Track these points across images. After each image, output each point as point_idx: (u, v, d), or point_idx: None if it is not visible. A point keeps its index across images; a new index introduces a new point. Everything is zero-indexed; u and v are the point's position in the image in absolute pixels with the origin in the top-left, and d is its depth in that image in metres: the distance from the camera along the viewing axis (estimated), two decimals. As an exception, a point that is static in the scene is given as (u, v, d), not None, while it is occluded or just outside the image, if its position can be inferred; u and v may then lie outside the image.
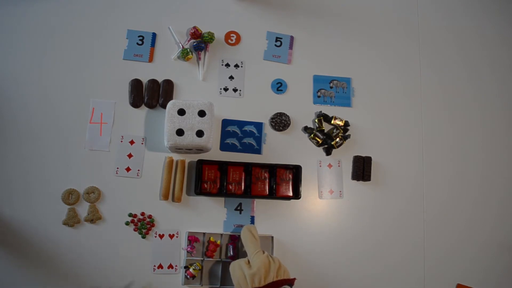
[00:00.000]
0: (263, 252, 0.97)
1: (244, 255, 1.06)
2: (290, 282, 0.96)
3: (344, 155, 1.17)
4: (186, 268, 1.05)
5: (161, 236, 1.07)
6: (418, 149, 1.21)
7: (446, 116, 1.23)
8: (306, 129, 1.16)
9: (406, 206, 1.17)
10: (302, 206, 1.13)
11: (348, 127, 1.18)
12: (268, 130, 1.16)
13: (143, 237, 1.06)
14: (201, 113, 1.03)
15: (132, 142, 1.10)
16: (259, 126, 1.15)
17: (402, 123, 1.22)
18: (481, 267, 1.16)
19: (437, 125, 1.22)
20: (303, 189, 1.13)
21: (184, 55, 1.14)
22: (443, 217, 1.18)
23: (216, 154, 1.13)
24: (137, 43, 1.15)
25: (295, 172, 1.10)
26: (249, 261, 0.97)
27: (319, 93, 1.19)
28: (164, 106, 1.11)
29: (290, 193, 1.10)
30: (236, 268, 0.97)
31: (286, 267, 0.97)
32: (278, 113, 1.16)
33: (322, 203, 1.14)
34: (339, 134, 1.15)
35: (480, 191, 1.20)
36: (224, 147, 1.13)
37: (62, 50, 1.13)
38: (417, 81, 1.24)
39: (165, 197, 1.08)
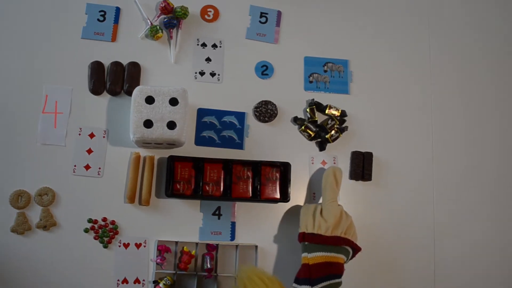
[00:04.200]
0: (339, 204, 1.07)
1: (224, 268, 1.09)
2: (355, 247, 1.05)
3: (341, 151, 1.18)
4: (156, 283, 1.06)
5: (126, 246, 1.08)
6: (428, 143, 1.21)
7: (460, 104, 1.24)
8: (296, 120, 1.17)
9: (413, 210, 1.18)
10: (291, 210, 1.14)
11: (345, 118, 1.18)
12: (251, 121, 1.17)
13: (105, 247, 1.07)
14: (173, 102, 1.04)
15: (92, 135, 1.11)
16: (241, 116, 1.16)
17: (409, 113, 1.22)
18: (498, 279, 1.17)
19: (449, 115, 1.23)
20: (293, 190, 1.13)
21: (153, 33, 1.15)
22: (456, 223, 1.18)
23: (190, 149, 1.13)
24: (98, 20, 1.16)
25: (283, 170, 1.11)
26: (322, 209, 1.06)
27: (311, 77, 1.19)
28: (129, 93, 1.12)
29: (277, 195, 1.11)
30: (311, 209, 1.07)
31: (356, 231, 1.06)
32: (263, 101, 1.16)
33: (315, 207, 1.15)
34: (335, 126, 1.16)
35: (499, 191, 1.21)
36: (199, 141, 1.14)
37: (9, 29, 1.14)
38: (426, 63, 1.24)
39: (131, 200, 1.09)
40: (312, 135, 1.16)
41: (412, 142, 1.21)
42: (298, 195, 1.16)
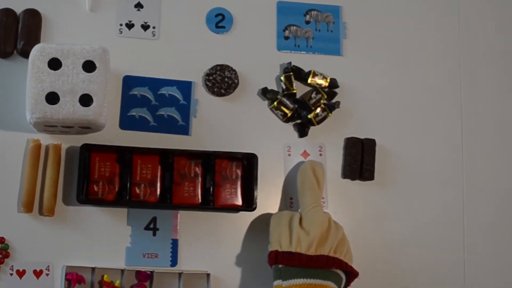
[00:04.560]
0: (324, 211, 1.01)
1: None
2: (350, 270, 0.95)
3: (330, 137, 1.07)
4: (63, 327, 0.95)
5: (20, 274, 0.97)
6: (455, 127, 1.10)
7: (502, 73, 1.12)
8: (265, 92, 1.05)
9: (435, 223, 1.07)
10: (258, 221, 1.03)
11: (336, 90, 1.06)
12: (201, 94, 1.06)
13: (-9, 275, 0.97)
14: (88, 66, 0.94)
15: (-29, 115, 1.01)
16: (186, 87, 1.05)
17: (428, 84, 1.11)
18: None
19: (486, 88, 1.12)
20: (261, 193, 1.01)
21: (59, -33, 1.03)
22: (494, 241, 1.08)
23: (114, 134, 1.03)
24: None
25: (247, 165, 1.02)
26: (301, 218, 0.99)
27: (287, 31, 1.10)
28: (25, 53, 1.00)
29: (238, 201, 1.01)
30: (285, 218, 0.98)
31: (351, 250, 0.98)
32: (218, 65, 1.05)
33: (292, 218, 1.07)
34: (321, 102, 1.05)
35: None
36: (126, 123, 1.04)
37: None
38: (453, 10, 1.14)
39: (28, 208, 0.97)
40: (289, 115, 1.05)
41: (432, 126, 1.10)
42: (268, 200, 1.04)
